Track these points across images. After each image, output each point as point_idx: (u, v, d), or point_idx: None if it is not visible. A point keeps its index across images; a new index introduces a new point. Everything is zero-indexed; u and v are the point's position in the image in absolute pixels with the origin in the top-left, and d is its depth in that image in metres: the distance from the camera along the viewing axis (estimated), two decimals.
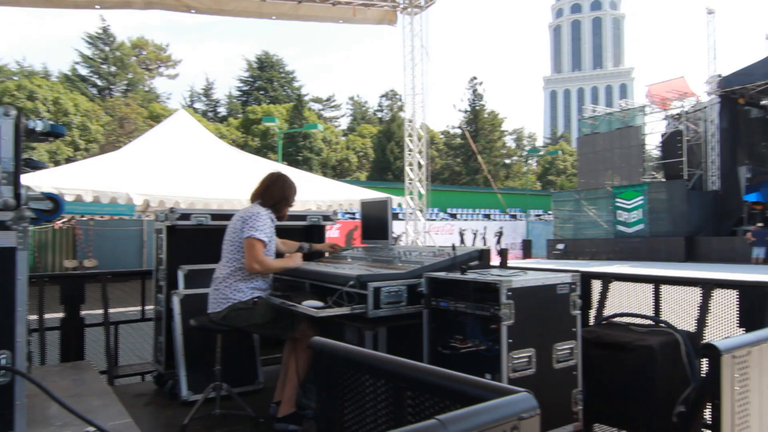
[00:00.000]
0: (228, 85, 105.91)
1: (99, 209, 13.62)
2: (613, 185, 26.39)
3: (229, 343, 3.49)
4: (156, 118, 31.55)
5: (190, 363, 3.66)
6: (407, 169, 16.05)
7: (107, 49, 40.95)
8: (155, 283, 4.09)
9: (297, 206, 8.98)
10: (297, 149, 39.68)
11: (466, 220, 31.20)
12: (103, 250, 15.93)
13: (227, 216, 3.48)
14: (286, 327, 3.13)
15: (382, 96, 55.14)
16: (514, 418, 0.76)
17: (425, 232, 16.58)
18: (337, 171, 43.63)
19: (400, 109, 40.15)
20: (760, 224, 21.28)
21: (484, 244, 28.06)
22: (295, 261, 3.27)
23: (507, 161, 50.39)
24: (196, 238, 3.95)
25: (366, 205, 3.98)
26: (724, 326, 2.87)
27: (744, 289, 2.74)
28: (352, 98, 57.92)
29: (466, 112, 46.13)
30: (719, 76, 23.51)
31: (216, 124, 42.06)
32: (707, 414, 1.37)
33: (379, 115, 54.01)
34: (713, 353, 1.20)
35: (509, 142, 53.93)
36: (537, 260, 27.74)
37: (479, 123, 45.35)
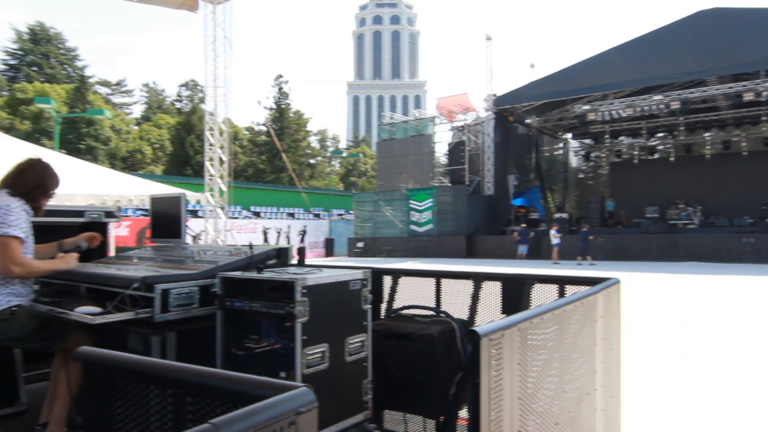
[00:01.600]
0: None
1: None
2: (408, 188, 28.51)
3: None
4: None
5: None
6: (207, 164, 15.34)
7: None
8: None
9: (77, 201, 7.98)
10: (79, 136, 35.28)
11: (270, 218, 30.91)
12: None
13: None
14: (55, 338, 2.75)
15: (182, 85, 51.93)
16: (292, 414, 0.77)
17: (226, 230, 16.02)
18: (128, 163, 39.84)
19: (201, 101, 38.19)
20: (523, 225, 24.87)
21: (288, 243, 28.12)
22: (68, 262, 2.88)
23: (311, 161, 51.21)
24: None
25: (156, 201, 3.69)
26: (491, 313, 3.27)
27: (506, 280, 3.17)
28: (147, 85, 53.39)
29: (271, 109, 45.75)
30: (494, 95, 26.87)
31: None
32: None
33: (178, 105, 50.66)
34: (474, 338, 1.36)
35: (314, 142, 54.85)
36: (338, 258, 28.69)
37: (284, 121, 45.31)
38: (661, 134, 29.17)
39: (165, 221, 3.60)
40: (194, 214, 23.19)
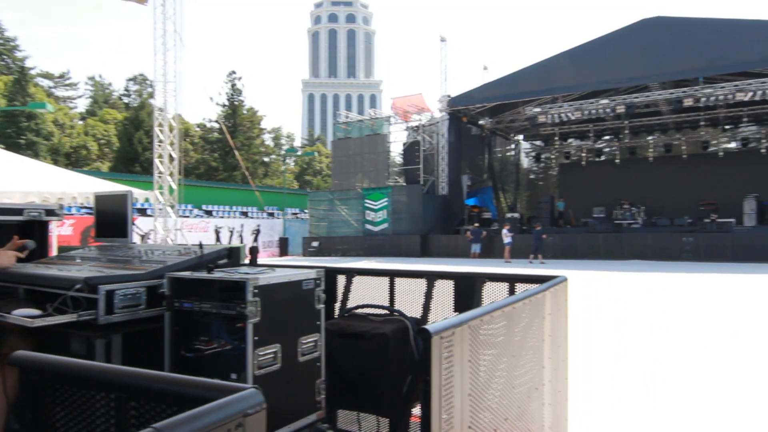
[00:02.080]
0: None
1: None
2: (363, 187, 28.52)
3: None
4: None
5: None
6: (157, 161, 14.92)
7: None
8: None
9: (16, 198, 7.61)
10: (19, 131, 33.61)
11: (222, 217, 30.32)
12: None
13: None
14: None
15: (130, 80, 50.20)
16: (239, 416, 0.76)
17: (176, 229, 15.63)
18: (72, 159, 38.28)
19: (150, 95, 37.03)
20: (476, 224, 25.28)
21: (242, 242, 27.65)
22: (1, 260, 2.74)
23: (266, 159, 50.50)
24: None
25: (101, 199, 3.56)
26: (443, 311, 3.32)
27: (458, 279, 3.21)
28: (92, 78, 51.37)
29: (224, 106, 44.82)
30: (448, 96, 27.21)
31: None
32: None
33: (126, 100, 49.00)
34: (426, 336, 1.37)
35: (268, 140, 54.14)
36: (293, 257, 28.42)
37: (238, 119, 44.50)
38: (607, 137, 30.26)
39: (110, 220, 3.48)
40: (143, 212, 22.49)
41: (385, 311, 3.22)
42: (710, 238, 21.50)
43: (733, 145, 27.66)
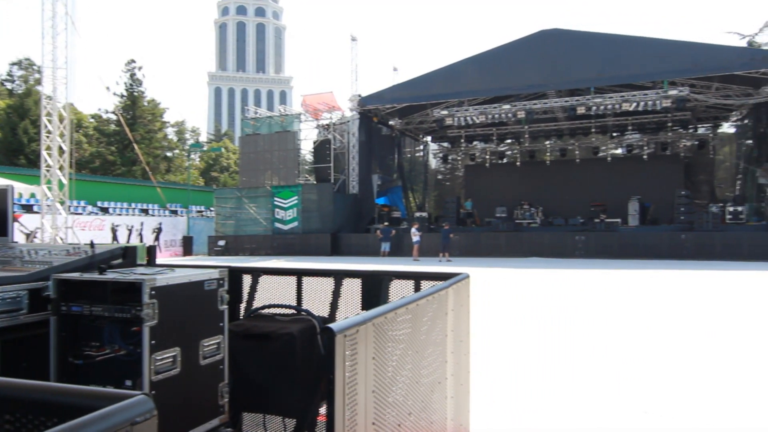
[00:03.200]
0: None
1: None
2: (272, 185, 27.99)
3: None
4: None
5: None
6: (44, 153, 13.77)
7: None
8: None
9: None
10: None
11: (120, 214, 28.56)
12: None
13: None
14: None
15: (14, 64, 45.85)
16: (126, 425, 0.72)
17: (67, 227, 14.52)
18: None
19: (38, 82, 34.09)
20: (386, 223, 25.63)
21: (141, 241, 26.17)
22: None
23: (168, 154, 48.13)
24: None
25: None
26: (351, 309, 3.33)
27: (365, 277, 3.24)
28: None
29: (122, 96, 42.17)
30: (359, 95, 27.36)
31: None
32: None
33: (9, 86, 44.74)
34: (330, 334, 1.37)
35: (171, 134, 51.61)
36: (197, 257, 27.33)
37: (137, 110, 42.04)
38: (509, 140, 31.82)
39: None
40: (29, 209, 20.67)
41: (293, 311, 3.18)
42: (600, 236, 23.22)
43: (619, 151, 30.07)
